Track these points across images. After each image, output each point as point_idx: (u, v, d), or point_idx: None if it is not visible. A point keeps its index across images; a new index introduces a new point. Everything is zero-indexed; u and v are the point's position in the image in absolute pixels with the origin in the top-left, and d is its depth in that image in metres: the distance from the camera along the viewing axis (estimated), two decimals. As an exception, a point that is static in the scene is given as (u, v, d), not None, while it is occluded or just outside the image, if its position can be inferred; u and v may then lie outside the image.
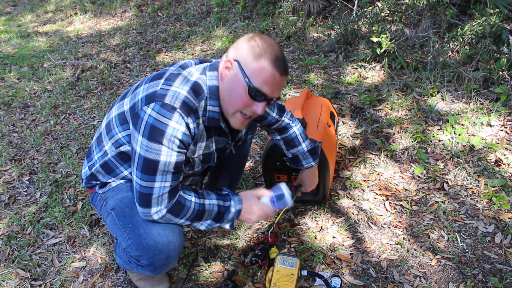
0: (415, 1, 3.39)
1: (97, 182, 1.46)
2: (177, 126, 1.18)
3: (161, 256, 1.33)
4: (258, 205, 1.42)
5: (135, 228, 1.33)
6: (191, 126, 1.23)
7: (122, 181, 1.44)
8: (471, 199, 2.01)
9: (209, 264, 1.81)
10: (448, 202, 2.01)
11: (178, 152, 1.22)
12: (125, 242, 1.36)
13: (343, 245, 1.84)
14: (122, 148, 1.35)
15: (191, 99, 1.22)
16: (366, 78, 3.13)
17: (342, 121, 2.68)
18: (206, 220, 1.36)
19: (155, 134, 1.17)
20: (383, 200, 2.05)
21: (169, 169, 1.22)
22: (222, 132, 1.39)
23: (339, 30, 3.54)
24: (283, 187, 1.43)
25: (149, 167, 1.20)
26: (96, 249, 1.95)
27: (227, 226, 1.41)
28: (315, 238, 1.88)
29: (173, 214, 1.29)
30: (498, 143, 2.29)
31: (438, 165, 2.22)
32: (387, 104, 2.76)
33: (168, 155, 1.20)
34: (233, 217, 1.39)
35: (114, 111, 1.37)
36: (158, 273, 1.44)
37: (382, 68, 3.17)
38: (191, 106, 1.22)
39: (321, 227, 1.93)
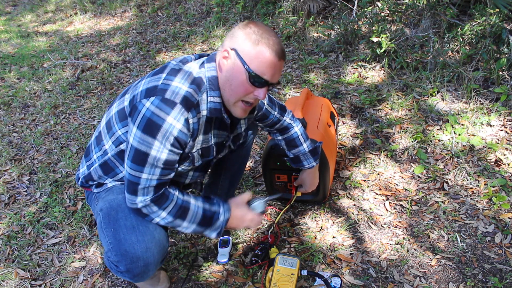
0: (415, 1, 3.39)
1: (94, 183, 1.45)
2: (174, 122, 1.19)
3: (139, 263, 1.30)
4: (248, 214, 1.45)
5: (116, 233, 1.30)
6: (191, 121, 1.23)
7: (118, 183, 1.42)
8: (471, 199, 2.01)
9: (209, 264, 1.81)
10: (448, 202, 2.01)
11: (170, 150, 1.22)
12: (106, 246, 1.34)
13: (343, 245, 1.84)
14: (122, 146, 1.35)
15: (192, 93, 1.23)
16: (366, 78, 3.13)
17: (342, 121, 2.68)
18: (191, 223, 1.34)
19: (151, 127, 1.18)
20: (383, 200, 2.05)
21: (158, 164, 1.23)
22: (223, 124, 1.39)
23: (339, 30, 3.54)
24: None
25: (139, 158, 1.22)
26: (96, 249, 1.95)
27: (213, 235, 1.39)
28: (315, 238, 1.88)
29: (156, 204, 1.28)
30: (498, 143, 2.29)
31: (438, 165, 2.22)
32: (387, 104, 2.76)
33: (159, 150, 1.21)
34: (221, 225, 1.38)
35: (115, 108, 1.37)
36: (138, 281, 1.41)
37: (382, 68, 3.17)
38: (192, 101, 1.22)
39: (321, 227, 1.93)
